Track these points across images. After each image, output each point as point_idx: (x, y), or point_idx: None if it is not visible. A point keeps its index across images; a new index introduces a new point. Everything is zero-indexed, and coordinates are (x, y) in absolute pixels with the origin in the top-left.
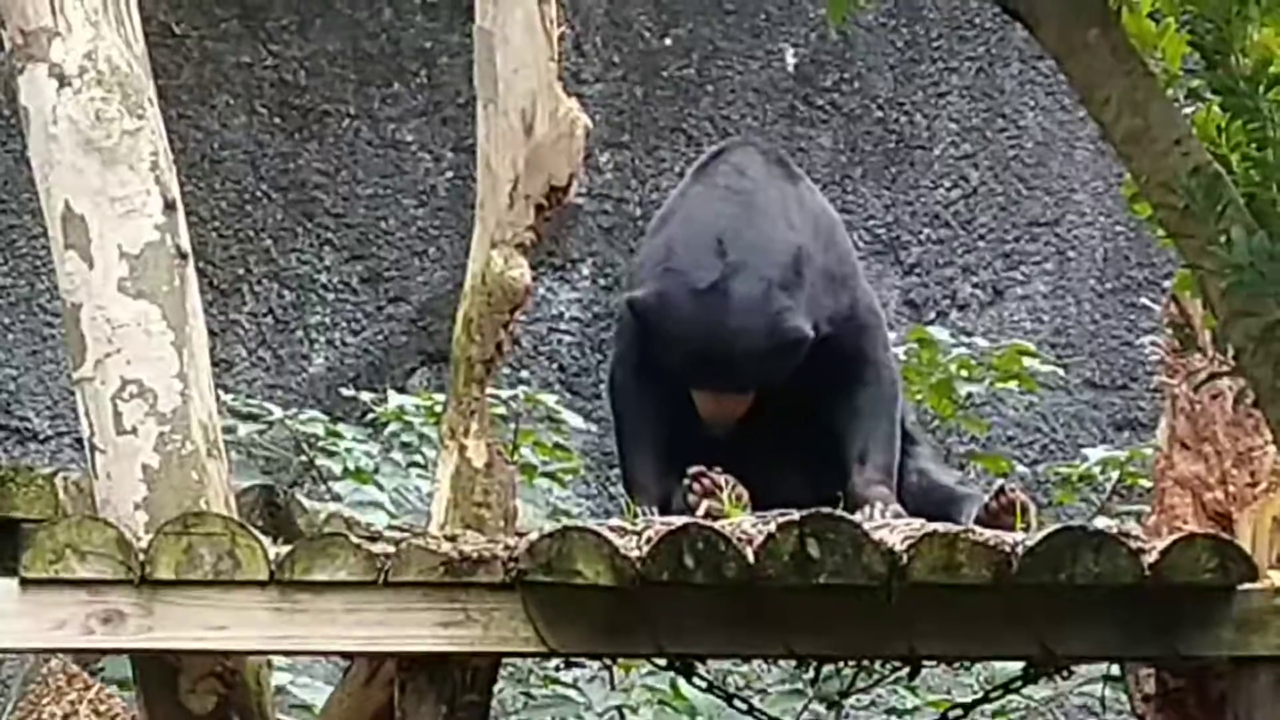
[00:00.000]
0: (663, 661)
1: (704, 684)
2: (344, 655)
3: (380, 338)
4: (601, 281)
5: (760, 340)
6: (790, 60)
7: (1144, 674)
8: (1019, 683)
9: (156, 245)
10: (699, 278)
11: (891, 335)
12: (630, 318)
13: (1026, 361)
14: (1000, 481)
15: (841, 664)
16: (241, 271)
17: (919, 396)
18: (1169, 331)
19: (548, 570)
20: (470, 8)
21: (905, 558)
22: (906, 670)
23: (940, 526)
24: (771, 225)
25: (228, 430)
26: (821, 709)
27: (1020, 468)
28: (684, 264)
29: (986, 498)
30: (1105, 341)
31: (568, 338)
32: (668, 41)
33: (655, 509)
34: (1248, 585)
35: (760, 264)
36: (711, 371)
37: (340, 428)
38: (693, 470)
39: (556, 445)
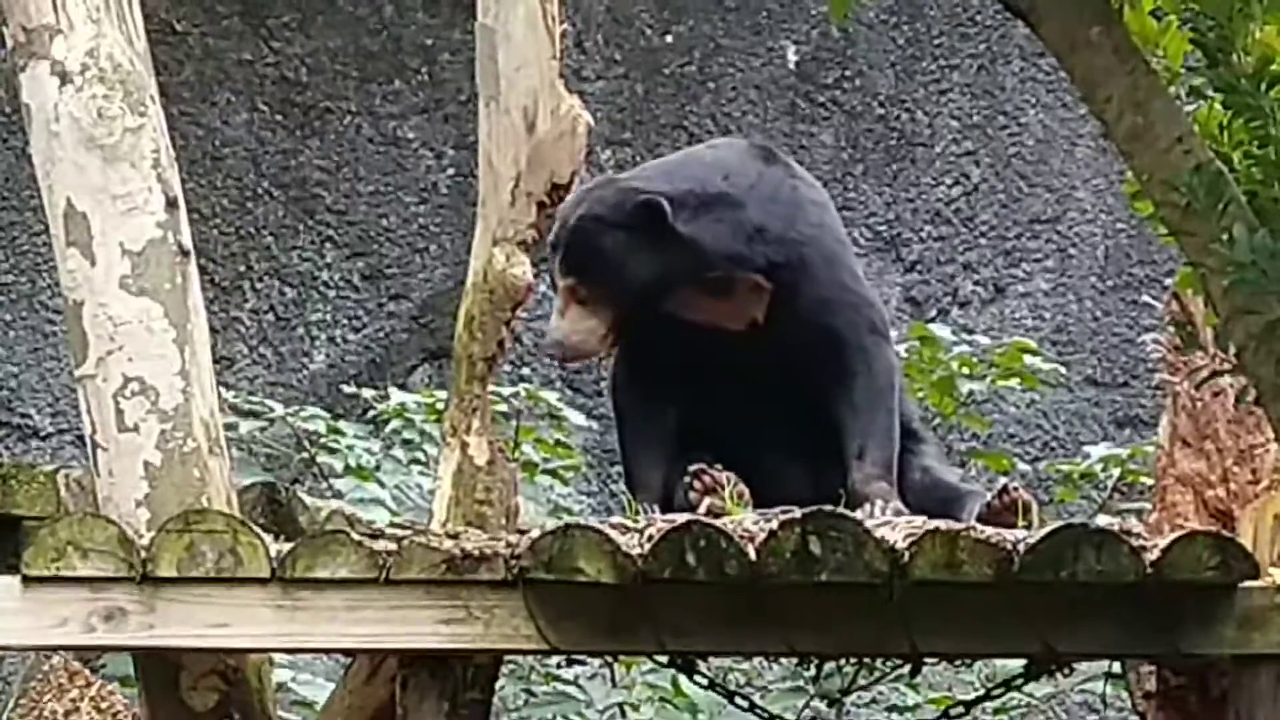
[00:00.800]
0: (664, 659)
1: (705, 681)
2: (345, 653)
3: (381, 335)
4: None
5: (605, 205)
6: (791, 58)
7: (1145, 671)
8: (1020, 680)
9: (158, 243)
10: (607, 177)
11: (892, 333)
12: None
13: (1028, 359)
14: (1004, 480)
15: (843, 661)
16: (243, 269)
17: (920, 394)
18: (1170, 329)
19: (549, 568)
20: (472, 5)
21: (907, 555)
22: (908, 668)
23: (942, 524)
24: (703, 170)
25: (229, 427)
26: (823, 706)
27: (1021, 465)
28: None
29: (989, 496)
30: (1106, 339)
31: None
32: (669, 39)
33: (657, 507)
34: (1249, 583)
35: (665, 180)
36: (555, 245)
37: (341, 425)
38: (694, 467)
39: (558, 442)
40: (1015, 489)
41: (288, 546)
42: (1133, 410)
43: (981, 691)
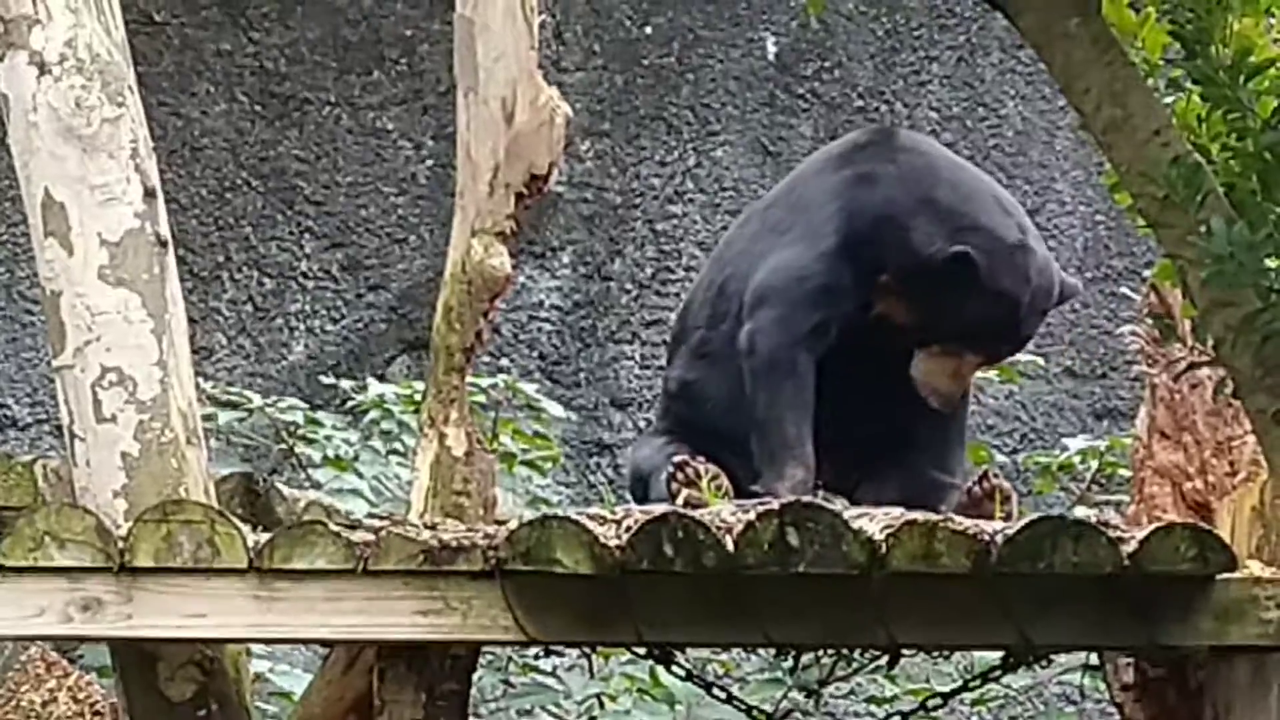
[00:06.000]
0: (642, 650)
1: (683, 672)
2: (323, 643)
3: (360, 325)
4: (582, 270)
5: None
6: (771, 49)
7: (1123, 663)
8: (998, 672)
9: (136, 233)
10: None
11: None
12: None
13: None
14: (984, 468)
15: (821, 653)
16: (221, 259)
17: None
18: (1149, 321)
19: (527, 558)
20: None
21: (884, 546)
22: (886, 659)
23: (920, 515)
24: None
25: (207, 418)
26: (801, 698)
27: (1000, 457)
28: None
29: (969, 483)
30: (1085, 331)
31: (548, 326)
32: (648, 30)
33: (810, 472)
34: (1226, 575)
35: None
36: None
37: (320, 415)
38: (677, 458)
39: (536, 434)
40: (995, 477)
41: (265, 537)
42: (1111, 402)
43: (959, 683)
